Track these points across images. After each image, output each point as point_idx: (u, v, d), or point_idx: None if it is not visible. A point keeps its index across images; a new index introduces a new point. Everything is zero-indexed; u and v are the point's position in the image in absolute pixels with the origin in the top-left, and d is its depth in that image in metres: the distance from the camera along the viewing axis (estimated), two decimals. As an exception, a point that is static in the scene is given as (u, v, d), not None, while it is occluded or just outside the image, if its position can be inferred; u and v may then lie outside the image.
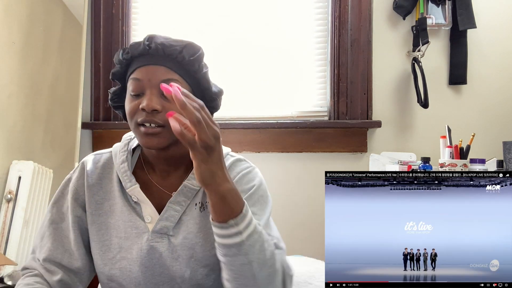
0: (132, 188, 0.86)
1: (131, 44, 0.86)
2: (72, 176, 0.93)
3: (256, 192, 0.86)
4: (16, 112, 1.64)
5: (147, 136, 0.81)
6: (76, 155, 1.73)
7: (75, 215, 0.88)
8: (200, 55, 0.85)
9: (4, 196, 1.56)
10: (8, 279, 1.48)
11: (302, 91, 1.86)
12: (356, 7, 1.80)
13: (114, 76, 0.90)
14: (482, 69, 1.82)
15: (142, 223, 0.85)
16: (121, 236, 0.85)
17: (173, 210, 0.85)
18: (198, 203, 0.87)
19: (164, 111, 0.80)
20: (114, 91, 0.91)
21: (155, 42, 0.83)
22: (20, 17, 1.66)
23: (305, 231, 1.79)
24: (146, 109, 0.80)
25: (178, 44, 0.83)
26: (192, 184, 0.86)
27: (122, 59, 0.86)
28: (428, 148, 1.77)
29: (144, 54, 0.84)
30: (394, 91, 1.83)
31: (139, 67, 0.83)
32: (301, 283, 0.94)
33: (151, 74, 0.82)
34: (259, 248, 0.74)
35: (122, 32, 1.82)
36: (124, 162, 0.89)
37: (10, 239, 1.54)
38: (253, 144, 1.78)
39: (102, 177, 0.90)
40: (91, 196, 0.89)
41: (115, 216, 0.87)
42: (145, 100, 0.80)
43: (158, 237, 0.84)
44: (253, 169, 0.91)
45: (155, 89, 0.81)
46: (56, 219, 0.90)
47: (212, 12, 1.86)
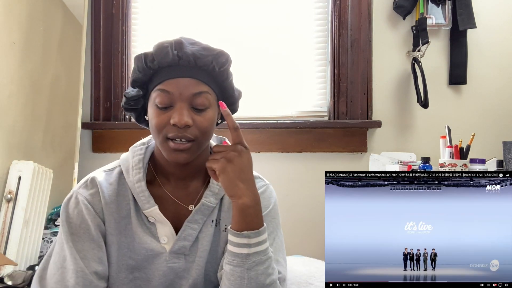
0: (151, 210, 0.83)
1: (156, 50, 0.79)
2: (78, 191, 0.84)
3: (269, 214, 0.88)
4: (16, 112, 1.64)
5: (176, 152, 0.78)
6: (76, 155, 1.73)
7: (97, 224, 0.82)
8: (229, 64, 0.82)
9: (4, 196, 1.56)
10: (8, 279, 1.48)
11: (302, 91, 1.86)
12: (356, 7, 1.79)
13: (135, 84, 0.83)
14: (482, 69, 1.82)
15: (157, 244, 0.83)
16: (135, 257, 0.84)
17: (191, 229, 0.84)
18: (214, 220, 0.86)
19: (195, 125, 0.78)
20: (132, 97, 0.83)
21: (186, 52, 0.78)
22: (20, 17, 1.66)
23: (305, 231, 1.79)
24: (178, 125, 0.76)
25: (209, 54, 0.79)
26: (210, 201, 0.85)
27: (146, 67, 0.80)
28: (428, 148, 1.77)
29: (174, 64, 0.79)
30: (394, 91, 1.83)
31: (168, 79, 0.78)
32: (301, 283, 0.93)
33: (182, 87, 0.78)
34: (263, 270, 0.77)
35: (122, 32, 1.82)
36: (141, 181, 0.84)
37: (10, 239, 1.53)
38: (253, 144, 1.78)
39: (117, 194, 0.85)
40: (109, 215, 0.84)
41: (130, 236, 0.84)
42: (177, 115, 0.76)
43: (175, 258, 0.84)
44: (268, 187, 0.92)
45: (185, 103, 0.78)
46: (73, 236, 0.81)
47: (212, 12, 1.86)
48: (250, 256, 0.76)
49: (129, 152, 0.90)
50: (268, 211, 0.88)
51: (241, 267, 0.76)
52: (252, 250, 0.76)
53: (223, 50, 0.81)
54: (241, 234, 0.76)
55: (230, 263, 0.77)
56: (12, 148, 1.62)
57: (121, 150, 1.80)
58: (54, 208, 1.71)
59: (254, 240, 0.76)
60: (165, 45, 0.78)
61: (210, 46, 0.81)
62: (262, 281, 0.77)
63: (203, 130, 0.79)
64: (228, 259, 0.78)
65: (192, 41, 0.80)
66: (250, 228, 0.77)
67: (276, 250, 0.85)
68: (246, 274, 0.76)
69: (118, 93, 1.82)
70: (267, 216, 0.87)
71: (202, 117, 0.79)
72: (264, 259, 0.77)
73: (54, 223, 1.69)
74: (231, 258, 0.77)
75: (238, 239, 0.77)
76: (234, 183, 0.77)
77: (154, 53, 0.79)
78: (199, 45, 0.80)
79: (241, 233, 0.76)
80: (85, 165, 1.79)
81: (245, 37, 1.86)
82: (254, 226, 0.77)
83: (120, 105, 1.81)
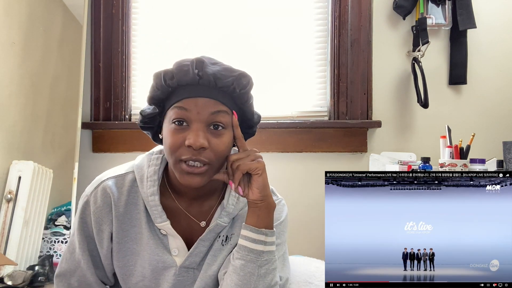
0: (163, 225, 0.83)
1: (176, 68, 0.77)
2: (89, 199, 0.85)
3: (279, 227, 0.88)
4: (16, 112, 1.64)
5: (189, 175, 0.76)
6: (76, 155, 1.73)
7: (101, 238, 0.85)
8: (250, 87, 0.81)
9: (4, 196, 1.57)
10: (8, 279, 1.48)
11: (302, 91, 1.86)
12: (356, 7, 1.79)
13: (152, 101, 0.81)
14: (482, 69, 1.82)
15: (169, 257, 0.84)
16: (145, 266, 0.85)
17: (202, 246, 0.85)
18: (222, 235, 0.87)
19: (210, 148, 0.76)
20: (148, 115, 0.81)
21: (206, 72, 0.75)
22: (20, 17, 1.66)
23: (305, 231, 1.79)
24: (194, 147, 0.74)
25: (230, 76, 0.77)
26: (224, 221, 0.85)
27: (165, 85, 0.78)
28: (428, 148, 1.77)
29: (194, 84, 0.77)
30: (394, 91, 1.83)
31: (187, 97, 0.76)
32: (301, 282, 0.93)
33: (201, 107, 0.75)
34: (271, 270, 0.79)
35: (122, 32, 1.82)
36: (154, 195, 0.83)
37: (10, 239, 1.54)
38: (253, 144, 1.78)
39: (128, 203, 0.84)
40: (119, 226, 0.84)
41: (141, 245, 0.85)
42: (192, 136, 0.74)
43: (184, 272, 0.85)
44: (281, 201, 0.93)
45: (202, 124, 0.76)
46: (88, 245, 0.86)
47: (212, 12, 1.86)
48: (264, 253, 0.78)
49: (144, 159, 0.88)
50: (279, 223, 0.89)
51: (254, 263, 0.78)
52: (267, 248, 0.79)
53: (245, 72, 0.79)
54: (260, 230, 0.79)
55: (242, 258, 0.78)
56: (12, 148, 1.62)
57: (121, 150, 1.82)
58: (54, 208, 1.71)
59: (270, 239, 0.79)
60: (186, 63, 0.76)
61: (232, 67, 0.79)
62: (269, 281, 0.79)
63: (219, 154, 0.77)
64: (240, 254, 0.79)
65: (214, 61, 0.78)
66: (268, 227, 0.80)
67: (280, 263, 0.86)
68: (256, 271, 0.78)
69: (118, 93, 1.82)
70: (278, 227, 0.88)
71: (219, 140, 0.77)
72: (273, 260, 0.80)
73: (54, 223, 1.69)
74: (245, 253, 0.78)
75: (257, 235, 0.78)
76: (267, 184, 0.81)
77: (174, 71, 0.77)
78: (220, 65, 0.78)
79: (260, 229, 0.79)
80: (85, 165, 1.79)
81: (245, 37, 1.86)
82: (271, 226, 0.81)
83: (120, 105, 1.81)
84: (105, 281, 0.90)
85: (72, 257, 0.87)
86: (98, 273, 0.88)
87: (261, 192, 0.79)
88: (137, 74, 1.87)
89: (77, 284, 0.87)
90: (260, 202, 0.79)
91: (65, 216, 1.68)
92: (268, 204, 0.80)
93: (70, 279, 0.87)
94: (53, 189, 1.69)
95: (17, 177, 1.58)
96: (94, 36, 1.82)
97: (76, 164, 1.71)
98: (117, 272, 0.87)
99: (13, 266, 1.50)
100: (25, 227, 1.56)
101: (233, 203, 0.86)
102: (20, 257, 1.54)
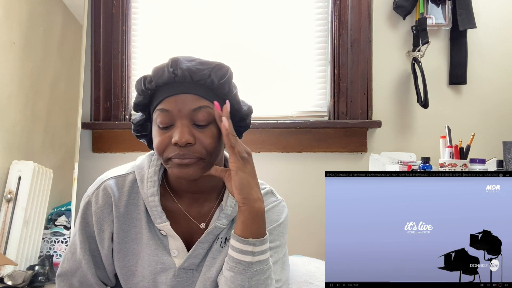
0: (163, 225, 0.83)
1: (153, 71, 0.78)
2: (91, 199, 0.86)
3: (278, 228, 0.87)
4: (16, 112, 1.65)
5: (181, 166, 0.75)
6: (76, 155, 1.73)
7: (102, 238, 0.86)
8: (229, 76, 0.79)
9: (4, 196, 1.57)
10: (8, 279, 1.48)
11: (302, 91, 1.86)
12: (356, 7, 1.80)
13: (137, 108, 0.82)
14: (482, 69, 1.82)
15: (168, 258, 0.84)
16: (145, 267, 0.85)
17: (201, 248, 0.85)
18: (221, 237, 0.86)
19: (198, 143, 0.75)
20: (138, 122, 0.83)
21: (181, 68, 0.75)
22: (20, 17, 1.66)
23: (305, 231, 1.79)
24: (179, 143, 0.74)
25: (206, 68, 0.76)
26: (222, 223, 0.84)
27: (145, 89, 0.79)
28: (428, 148, 1.77)
29: (170, 82, 0.77)
30: (394, 91, 1.83)
31: (166, 97, 0.76)
32: (301, 282, 0.93)
33: (181, 104, 0.75)
34: (263, 280, 0.76)
35: (122, 32, 1.82)
36: (154, 195, 0.83)
37: (10, 239, 1.54)
38: (253, 144, 1.78)
39: (129, 204, 0.85)
40: (119, 226, 0.85)
41: (141, 245, 0.85)
42: (177, 134, 0.74)
43: (183, 273, 0.85)
44: (280, 202, 0.92)
45: (186, 120, 0.75)
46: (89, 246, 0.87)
47: (212, 12, 1.86)
48: (253, 264, 0.75)
49: (145, 160, 0.88)
50: (278, 224, 0.87)
51: (243, 274, 0.75)
52: (255, 259, 0.75)
53: (221, 63, 0.78)
54: (246, 241, 0.75)
55: (231, 270, 0.76)
56: (12, 148, 1.62)
57: (121, 150, 1.82)
58: (54, 208, 1.72)
59: (258, 248, 0.75)
60: (162, 65, 0.77)
61: (208, 60, 0.78)
62: None
63: (208, 148, 0.76)
64: (229, 265, 0.76)
65: (190, 58, 0.77)
66: (255, 235, 0.75)
67: (279, 266, 0.85)
68: (247, 282, 0.75)
69: (118, 93, 1.82)
70: (277, 229, 0.87)
71: (204, 133, 0.76)
72: (266, 269, 0.76)
73: (54, 223, 1.69)
74: (233, 265, 0.76)
75: (243, 245, 0.75)
76: (250, 185, 0.75)
77: (151, 74, 0.78)
78: (197, 61, 0.77)
79: (247, 240, 0.75)
80: (85, 165, 1.79)
81: (245, 37, 1.86)
82: (260, 233, 0.76)
83: (120, 105, 1.82)
84: (106, 281, 0.90)
85: (74, 257, 0.87)
86: (99, 274, 0.88)
87: (241, 193, 0.74)
88: (137, 74, 1.87)
89: (78, 285, 0.87)
90: (242, 204, 0.75)
91: (65, 216, 1.68)
92: (251, 208, 0.75)
93: (72, 279, 0.87)
94: (53, 189, 1.69)
95: (17, 177, 1.58)
96: (94, 36, 1.82)
97: (76, 164, 1.71)
98: (119, 273, 0.87)
99: (13, 266, 1.50)
100: (25, 227, 1.56)
101: (231, 205, 0.85)
102: (20, 257, 1.54)
